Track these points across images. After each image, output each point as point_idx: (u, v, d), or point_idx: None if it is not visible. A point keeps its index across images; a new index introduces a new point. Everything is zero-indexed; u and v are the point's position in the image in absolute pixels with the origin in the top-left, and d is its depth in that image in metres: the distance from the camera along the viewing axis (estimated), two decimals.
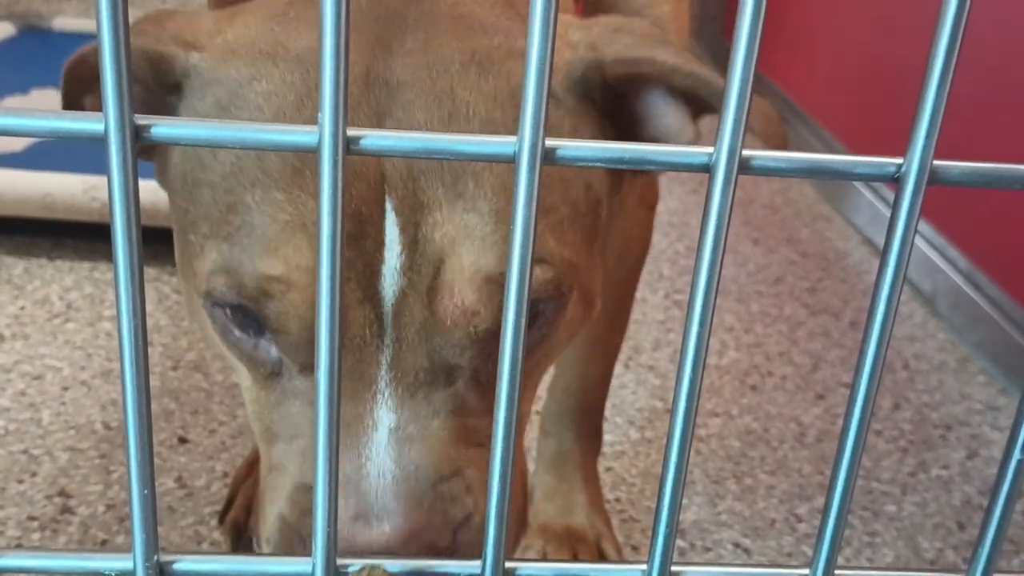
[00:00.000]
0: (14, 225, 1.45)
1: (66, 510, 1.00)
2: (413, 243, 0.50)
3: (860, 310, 1.56)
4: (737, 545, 1.06)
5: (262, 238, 0.50)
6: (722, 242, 0.33)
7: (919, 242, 1.62)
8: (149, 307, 1.35)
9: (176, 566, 0.38)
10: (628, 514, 1.09)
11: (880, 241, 1.69)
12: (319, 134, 0.30)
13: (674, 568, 0.40)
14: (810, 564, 0.41)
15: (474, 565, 0.39)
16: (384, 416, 0.51)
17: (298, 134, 0.31)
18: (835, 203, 1.93)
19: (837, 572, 0.41)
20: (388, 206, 0.50)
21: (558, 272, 0.54)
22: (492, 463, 0.36)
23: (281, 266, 0.50)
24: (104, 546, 0.97)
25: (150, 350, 1.25)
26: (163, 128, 0.31)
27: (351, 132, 0.31)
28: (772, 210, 1.90)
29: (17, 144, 1.53)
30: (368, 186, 0.50)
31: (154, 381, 1.20)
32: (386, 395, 0.51)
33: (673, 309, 1.51)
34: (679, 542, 1.06)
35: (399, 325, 0.51)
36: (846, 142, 1.98)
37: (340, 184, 0.31)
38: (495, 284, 0.51)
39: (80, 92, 0.62)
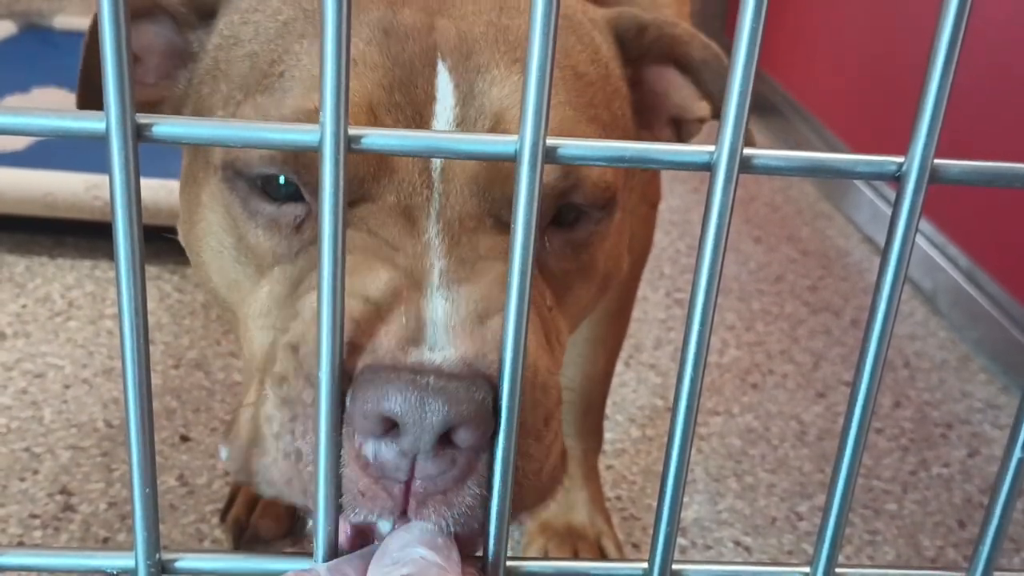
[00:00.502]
0: (16, 223, 1.45)
1: (68, 508, 1.00)
2: (468, 97, 0.52)
3: (861, 308, 1.56)
4: (738, 543, 1.06)
5: (308, 77, 0.52)
6: (723, 240, 0.33)
7: (919, 240, 1.62)
8: (150, 305, 1.35)
9: (178, 564, 0.38)
10: (629, 512, 1.09)
11: (881, 239, 1.69)
12: (320, 133, 0.31)
13: (675, 566, 0.40)
14: (811, 562, 0.41)
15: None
16: (435, 260, 0.49)
17: (300, 133, 0.31)
18: (836, 201, 1.93)
19: (838, 570, 0.41)
20: (441, 66, 0.52)
21: (615, 175, 0.55)
22: (495, 454, 0.36)
23: None
24: (106, 544, 0.97)
25: (152, 348, 1.25)
26: (164, 127, 0.31)
27: (352, 131, 0.31)
28: (773, 208, 1.90)
29: (19, 143, 1.53)
30: (420, 47, 0.52)
31: (156, 379, 1.20)
32: (436, 242, 0.50)
33: (674, 307, 1.51)
34: (680, 540, 1.06)
35: (448, 179, 0.51)
36: (847, 140, 1.98)
37: (342, 182, 0.31)
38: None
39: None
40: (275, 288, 0.53)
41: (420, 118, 0.51)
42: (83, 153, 1.46)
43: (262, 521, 0.98)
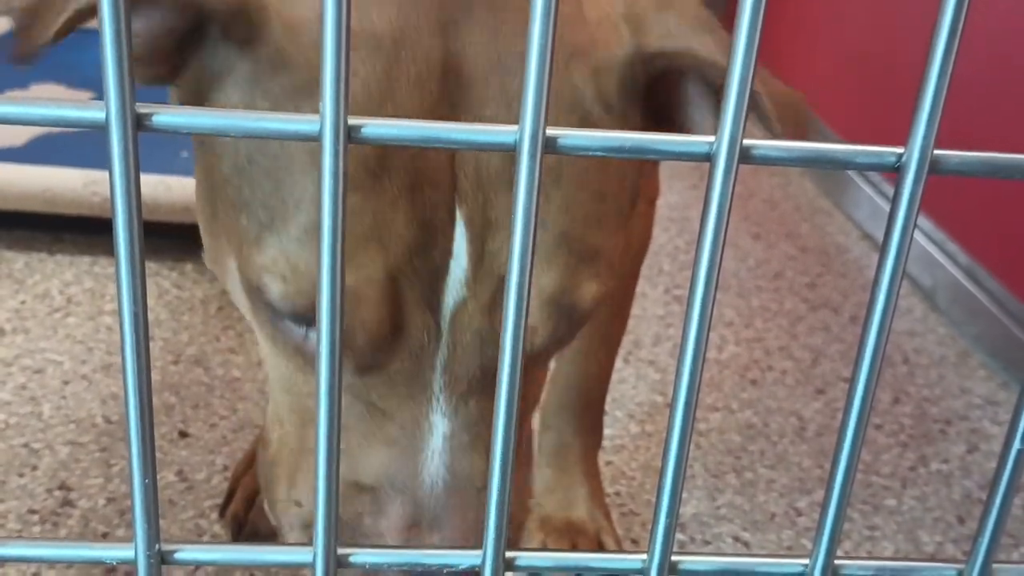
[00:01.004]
0: (15, 219, 1.45)
1: (67, 503, 1.00)
2: (479, 257, 0.51)
3: (860, 305, 1.56)
4: (737, 539, 1.06)
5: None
6: (722, 233, 0.33)
7: (918, 236, 1.62)
8: (150, 301, 1.35)
9: (177, 555, 0.38)
10: (628, 508, 1.10)
11: (880, 236, 1.69)
12: (320, 123, 0.30)
13: (674, 558, 0.40)
14: (810, 555, 0.41)
15: (475, 554, 0.39)
16: (439, 422, 0.52)
17: (300, 123, 0.31)
18: (835, 198, 1.93)
19: (836, 562, 0.41)
20: (459, 217, 0.50)
21: (605, 286, 0.55)
22: (492, 452, 0.36)
23: (352, 277, 0.48)
24: (105, 539, 0.97)
25: (151, 344, 1.25)
26: (165, 117, 0.31)
27: (352, 121, 0.31)
28: (772, 205, 1.90)
29: (18, 138, 1.53)
30: (440, 193, 0.50)
31: (155, 375, 1.20)
32: (440, 400, 0.52)
33: (673, 304, 1.51)
34: (679, 535, 1.06)
35: (456, 331, 0.52)
36: (848, 138, 1.98)
37: (342, 173, 0.31)
38: (554, 304, 0.52)
39: None
40: (298, 399, 0.56)
41: (435, 280, 0.50)
42: (82, 149, 1.46)
43: (260, 517, 0.98)
